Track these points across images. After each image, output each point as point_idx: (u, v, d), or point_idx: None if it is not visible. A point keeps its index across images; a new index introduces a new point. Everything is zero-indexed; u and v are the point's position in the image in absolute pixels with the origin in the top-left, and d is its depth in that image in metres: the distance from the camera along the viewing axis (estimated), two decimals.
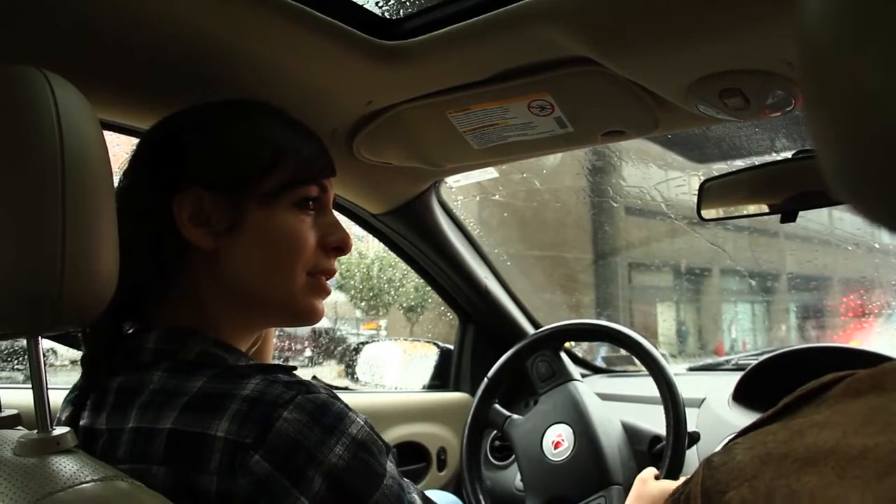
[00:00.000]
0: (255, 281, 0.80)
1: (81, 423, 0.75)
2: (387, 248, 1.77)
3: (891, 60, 0.27)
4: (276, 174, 0.80)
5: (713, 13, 0.77)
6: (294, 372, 0.72)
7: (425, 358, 2.08)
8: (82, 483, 0.55)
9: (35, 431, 0.61)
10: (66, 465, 0.57)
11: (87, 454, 0.61)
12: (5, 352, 1.95)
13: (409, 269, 1.84)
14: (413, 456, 1.77)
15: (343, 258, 0.92)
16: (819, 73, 0.31)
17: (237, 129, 0.82)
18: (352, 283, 5.05)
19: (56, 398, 0.72)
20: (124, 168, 0.82)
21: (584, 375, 1.76)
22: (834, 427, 0.34)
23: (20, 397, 1.17)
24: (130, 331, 0.80)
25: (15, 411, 0.73)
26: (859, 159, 0.30)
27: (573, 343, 2.11)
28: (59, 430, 0.62)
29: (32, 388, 0.62)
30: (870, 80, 0.28)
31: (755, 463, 0.37)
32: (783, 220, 1.16)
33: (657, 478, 1.21)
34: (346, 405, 0.69)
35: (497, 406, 1.54)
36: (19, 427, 0.71)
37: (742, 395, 1.52)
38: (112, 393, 0.73)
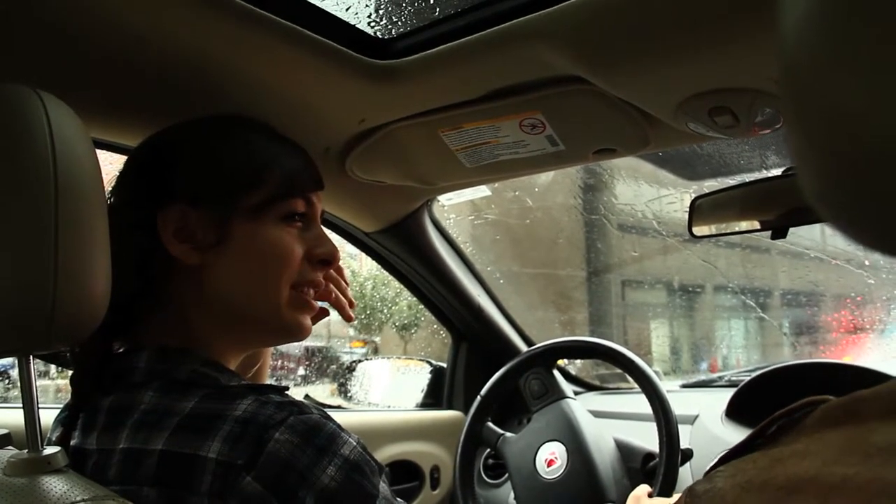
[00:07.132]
0: (239, 296, 0.79)
1: (72, 442, 0.74)
2: (380, 267, 1.77)
3: (866, 79, 0.27)
4: (262, 188, 0.79)
5: (701, 32, 0.78)
6: (286, 392, 0.72)
7: (418, 376, 2.07)
8: (72, 503, 0.54)
9: (25, 451, 0.61)
10: (56, 485, 0.57)
11: (77, 474, 0.61)
12: None
13: (402, 287, 1.84)
14: (406, 475, 1.76)
15: None
16: (796, 91, 0.32)
17: (222, 145, 0.82)
18: None
19: (47, 418, 0.71)
20: (113, 185, 0.82)
21: (577, 393, 1.76)
22: (813, 456, 0.34)
23: (11, 417, 1.17)
24: (121, 350, 0.80)
25: (5, 431, 0.72)
26: (836, 178, 0.31)
27: (566, 360, 2.11)
28: (49, 450, 0.61)
29: (23, 407, 0.62)
30: (846, 100, 0.28)
31: (736, 490, 0.37)
32: (774, 237, 1.17)
33: (650, 495, 1.21)
34: (339, 425, 0.69)
35: (490, 424, 1.54)
36: (9, 447, 0.71)
37: (735, 412, 1.52)
38: (103, 413, 0.73)
